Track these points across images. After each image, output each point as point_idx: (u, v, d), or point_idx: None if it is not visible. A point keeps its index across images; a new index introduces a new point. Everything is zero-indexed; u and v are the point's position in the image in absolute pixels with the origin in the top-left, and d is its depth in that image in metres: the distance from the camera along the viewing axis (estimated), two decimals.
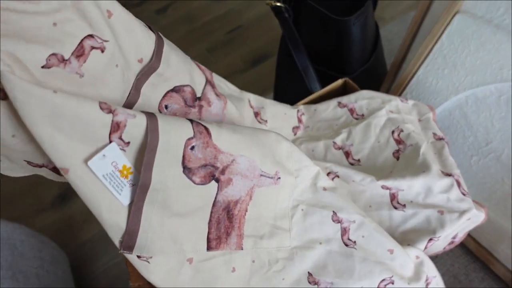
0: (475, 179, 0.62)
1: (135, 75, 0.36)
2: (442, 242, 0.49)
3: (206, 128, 0.36)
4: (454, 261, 0.65)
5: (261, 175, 0.41)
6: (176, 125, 0.34)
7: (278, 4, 0.66)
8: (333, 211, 0.45)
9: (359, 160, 0.55)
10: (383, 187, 0.49)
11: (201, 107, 0.44)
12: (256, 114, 0.55)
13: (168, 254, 0.36)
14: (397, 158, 0.53)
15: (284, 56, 0.77)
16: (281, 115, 0.58)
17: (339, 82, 0.63)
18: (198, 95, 0.43)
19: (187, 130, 0.34)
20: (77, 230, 1.10)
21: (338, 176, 0.50)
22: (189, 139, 0.34)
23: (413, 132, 0.54)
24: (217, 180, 0.38)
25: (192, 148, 0.34)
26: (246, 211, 0.42)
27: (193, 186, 0.36)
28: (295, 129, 0.59)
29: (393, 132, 0.54)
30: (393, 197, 0.49)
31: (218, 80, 0.50)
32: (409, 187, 0.48)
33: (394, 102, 0.58)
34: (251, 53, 1.57)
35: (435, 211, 0.47)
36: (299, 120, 0.59)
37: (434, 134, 0.55)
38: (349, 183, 0.50)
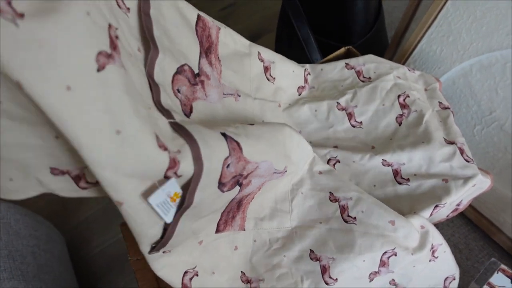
0: (477, 149, 0.62)
1: (143, 65, 0.35)
2: (446, 209, 0.49)
3: (238, 143, 0.36)
4: (454, 231, 0.65)
5: (274, 173, 0.43)
6: (214, 147, 0.33)
7: None
8: (330, 192, 0.46)
9: (361, 123, 0.54)
10: (384, 163, 0.49)
11: (202, 82, 0.43)
12: (266, 69, 0.53)
13: (185, 242, 0.38)
14: (400, 124, 0.53)
15: (284, 27, 0.75)
16: (289, 73, 0.56)
17: (342, 50, 0.61)
18: (196, 71, 0.43)
19: (224, 149, 0.34)
20: (72, 211, 1.09)
21: (338, 161, 0.51)
22: (225, 158, 0.34)
23: (418, 99, 0.53)
24: (240, 185, 0.39)
25: (228, 166, 0.35)
26: (253, 199, 0.44)
27: (221, 194, 0.37)
28: (300, 88, 0.57)
29: (399, 96, 0.53)
30: (396, 173, 0.49)
31: (225, 35, 0.48)
32: (409, 160, 0.48)
33: (402, 69, 0.57)
34: (246, 30, 1.54)
35: (440, 180, 0.47)
36: (305, 80, 0.57)
37: (440, 103, 0.54)
38: (350, 165, 0.50)
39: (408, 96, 0.53)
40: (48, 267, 0.75)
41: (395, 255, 0.43)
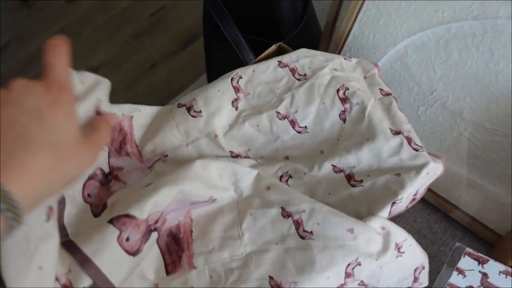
0: (424, 130, 0.61)
1: None
2: (404, 202, 0.47)
3: (127, 215, 0.37)
4: (416, 216, 0.64)
5: (192, 203, 0.43)
6: (106, 252, 0.35)
7: None
8: (281, 207, 0.43)
9: (306, 127, 0.51)
10: (335, 169, 0.47)
11: (116, 176, 0.44)
12: (189, 109, 0.51)
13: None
14: (344, 121, 0.50)
15: (210, 29, 0.70)
16: (214, 95, 0.52)
17: (273, 48, 0.57)
18: (107, 170, 0.44)
19: (114, 238, 0.36)
20: None
21: (291, 176, 0.48)
22: (118, 238, 0.36)
23: (358, 90, 0.50)
24: (155, 229, 0.40)
25: (127, 239, 0.37)
26: (192, 231, 0.43)
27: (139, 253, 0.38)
28: (235, 102, 0.53)
29: (338, 90, 0.50)
30: (349, 177, 0.47)
31: (139, 117, 0.49)
32: (358, 161, 0.47)
33: (338, 60, 0.53)
34: (180, 34, 1.47)
35: (392, 174, 0.45)
36: (237, 89, 0.53)
37: (381, 90, 0.52)
38: (302, 178, 0.48)
39: (348, 88, 0.50)
40: None
41: (359, 264, 0.41)
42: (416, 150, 0.46)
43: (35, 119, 0.24)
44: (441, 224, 0.63)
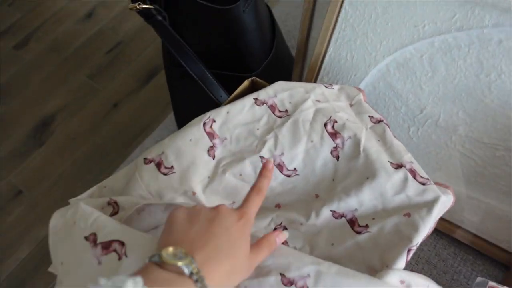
0: (418, 151, 0.56)
1: None
2: None
3: None
4: (421, 244, 0.58)
5: None
6: None
7: (145, 6, 0.52)
8: (280, 274, 0.35)
9: (295, 169, 0.45)
10: (334, 215, 0.41)
11: None
12: (159, 166, 0.44)
13: None
14: (337, 158, 0.44)
15: (172, 68, 0.64)
16: (186, 146, 0.45)
17: (246, 83, 0.51)
18: None
19: None
20: None
21: (286, 228, 0.42)
22: None
23: (347, 121, 0.45)
24: None
25: None
26: None
27: None
28: (210, 151, 0.46)
29: (325, 125, 0.45)
30: (352, 222, 0.41)
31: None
32: (360, 204, 0.41)
33: (319, 89, 0.48)
34: (141, 68, 1.39)
35: (401, 215, 0.39)
36: (211, 135, 0.46)
37: (371, 117, 0.47)
38: (299, 229, 0.42)
39: (336, 121, 0.45)
40: None
41: None
42: (423, 184, 0.40)
43: (226, 235, 0.31)
44: (450, 249, 0.58)
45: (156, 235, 0.36)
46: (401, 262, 0.37)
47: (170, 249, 0.28)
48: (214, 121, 0.47)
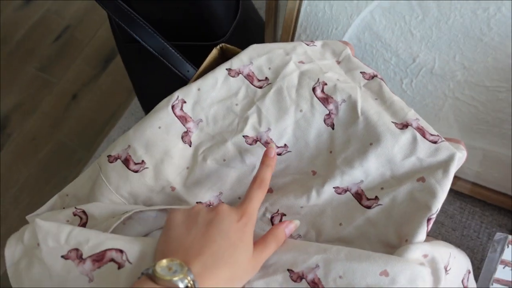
0: (414, 105, 0.51)
1: None
2: None
3: None
4: None
5: None
6: None
7: None
8: (288, 269, 0.32)
9: (285, 146, 0.39)
10: (338, 191, 0.36)
11: None
12: (127, 162, 0.38)
13: None
14: (332, 126, 0.38)
15: (126, 45, 0.55)
16: (156, 135, 0.38)
17: (214, 52, 0.44)
18: None
19: None
20: None
21: (284, 215, 0.37)
22: None
23: (338, 81, 0.39)
24: None
25: None
26: None
27: None
28: (185, 137, 0.40)
29: (314, 89, 0.39)
30: (359, 196, 0.36)
31: None
32: (366, 174, 0.36)
33: (300, 48, 0.42)
34: (96, 53, 1.28)
35: (414, 181, 0.35)
36: (183, 119, 0.40)
37: (363, 73, 0.41)
38: (300, 213, 0.37)
39: (325, 84, 0.39)
40: None
41: None
42: (435, 142, 0.35)
43: (224, 239, 0.29)
44: (456, 204, 0.54)
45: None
46: (422, 234, 0.33)
47: (164, 262, 0.27)
48: (185, 102, 0.40)
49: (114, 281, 0.30)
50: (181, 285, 0.26)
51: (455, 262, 0.36)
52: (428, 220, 0.33)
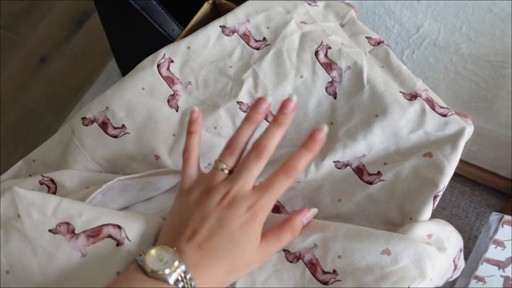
0: None
1: None
2: None
3: None
4: None
5: None
6: None
7: None
8: (284, 250, 0.30)
9: None
10: (338, 165, 0.34)
11: None
12: (105, 126, 0.34)
13: None
14: (334, 95, 0.35)
15: (105, 2, 0.49)
16: (139, 97, 0.34)
17: (206, 7, 0.39)
18: None
19: None
20: None
21: None
22: None
23: (343, 45, 0.36)
24: None
25: None
26: None
27: None
28: (172, 101, 0.36)
29: (316, 53, 0.35)
30: (360, 171, 0.33)
31: None
32: (369, 148, 0.33)
33: (302, 7, 0.38)
34: (67, 13, 1.18)
35: (420, 156, 0.32)
36: (170, 80, 0.35)
37: (369, 38, 0.38)
38: (296, 188, 0.34)
39: (329, 47, 0.35)
40: None
41: None
42: (444, 115, 0.33)
43: (227, 234, 0.27)
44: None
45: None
46: (427, 212, 0.31)
47: (153, 252, 0.25)
48: (172, 61, 0.36)
49: (110, 258, 0.28)
50: (170, 280, 0.24)
51: (451, 240, 0.35)
52: (435, 197, 0.31)
